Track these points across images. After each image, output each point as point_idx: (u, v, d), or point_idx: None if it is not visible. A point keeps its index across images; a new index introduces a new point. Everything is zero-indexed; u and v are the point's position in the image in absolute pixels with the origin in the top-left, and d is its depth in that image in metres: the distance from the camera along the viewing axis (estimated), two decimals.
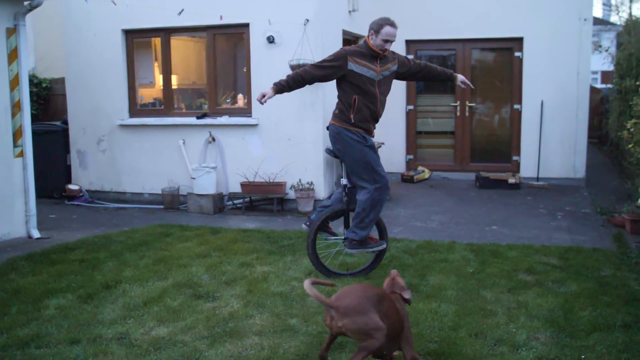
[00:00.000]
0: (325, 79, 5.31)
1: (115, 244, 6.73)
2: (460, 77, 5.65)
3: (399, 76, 5.52)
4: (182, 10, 8.27)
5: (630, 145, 6.83)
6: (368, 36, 5.22)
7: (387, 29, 5.12)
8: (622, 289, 5.05)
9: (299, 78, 5.21)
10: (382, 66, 5.26)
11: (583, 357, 3.83)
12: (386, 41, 5.14)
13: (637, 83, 7.42)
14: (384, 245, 5.50)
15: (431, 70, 5.61)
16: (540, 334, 4.19)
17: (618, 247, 6.38)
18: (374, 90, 5.23)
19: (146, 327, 4.41)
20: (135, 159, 9.40)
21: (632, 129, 6.70)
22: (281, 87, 5.21)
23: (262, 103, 5.23)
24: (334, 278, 5.34)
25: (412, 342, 3.54)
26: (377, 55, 5.22)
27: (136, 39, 9.43)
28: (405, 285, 3.66)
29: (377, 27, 5.14)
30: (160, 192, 9.10)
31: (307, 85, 5.41)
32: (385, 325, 3.28)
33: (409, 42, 10.96)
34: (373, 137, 5.43)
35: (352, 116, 5.21)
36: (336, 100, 5.36)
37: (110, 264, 5.95)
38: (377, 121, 5.41)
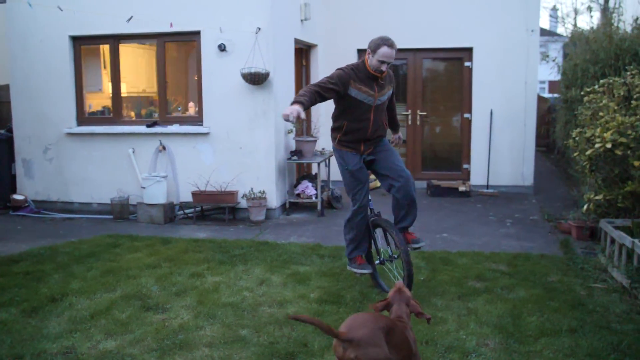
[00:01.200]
0: (328, 99, 5.06)
1: (61, 256, 6.55)
2: (399, 134, 5.87)
3: None
4: (132, 17, 8.15)
5: (575, 154, 6.99)
6: (366, 56, 5.03)
7: (383, 49, 4.87)
8: (569, 294, 5.16)
9: (314, 97, 4.82)
10: (379, 91, 5.10)
11: None
12: (382, 62, 4.92)
13: (582, 93, 7.61)
14: (365, 271, 5.29)
15: (394, 110, 5.63)
16: (489, 340, 4.25)
17: (564, 253, 6.52)
18: (368, 116, 5.10)
19: (93, 340, 4.31)
20: (84, 168, 9.19)
21: (577, 138, 6.87)
22: (305, 105, 4.73)
23: (290, 121, 4.60)
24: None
25: None
26: (375, 78, 5.04)
27: (84, 46, 9.23)
28: (411, 296, 3.57)
29: (374, 46, 4.92)
30: (109, 201, 8.91)
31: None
32: (396, 359, 3.19)
33: (360, 52, 11.03)
34: (363, 154, 5.26)
35: (339, 137, 5.23)
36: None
37: (57, 276, 5.79)
38: (370, 140, 5.24)
